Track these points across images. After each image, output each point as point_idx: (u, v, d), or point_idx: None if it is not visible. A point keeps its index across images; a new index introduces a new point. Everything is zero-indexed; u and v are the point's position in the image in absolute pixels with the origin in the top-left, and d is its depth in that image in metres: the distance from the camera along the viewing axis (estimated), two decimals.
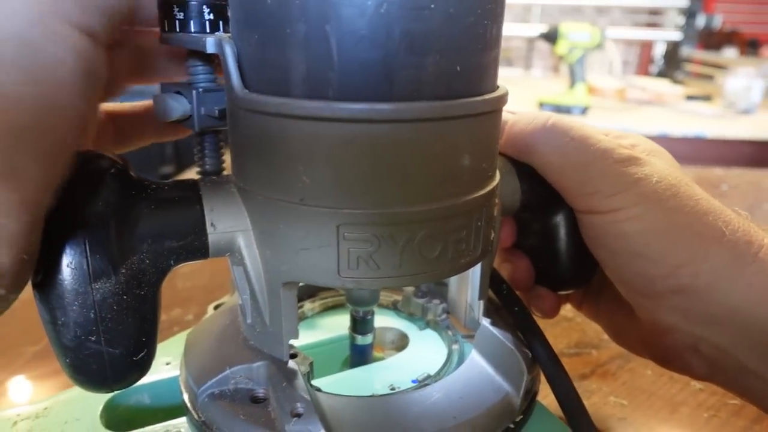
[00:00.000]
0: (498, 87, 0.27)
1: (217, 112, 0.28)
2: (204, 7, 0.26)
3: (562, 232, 0.34)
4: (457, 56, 0.24)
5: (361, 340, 0.35)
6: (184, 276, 0.27)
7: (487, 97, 0.25)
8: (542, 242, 0.35)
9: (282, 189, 0.25)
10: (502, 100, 0.27)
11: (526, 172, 0.32)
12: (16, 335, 0.49)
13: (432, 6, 0.22)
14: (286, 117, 0.24)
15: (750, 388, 0.31)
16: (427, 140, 0.24)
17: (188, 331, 0.34)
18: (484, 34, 0.24)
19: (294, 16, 0.22)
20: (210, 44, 0.25)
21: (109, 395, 0.31)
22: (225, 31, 0.27)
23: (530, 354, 0.31)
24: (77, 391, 0.32)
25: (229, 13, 0.26)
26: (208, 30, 0.27)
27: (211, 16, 0.26)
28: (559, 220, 0.34)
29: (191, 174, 0.27)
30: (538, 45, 2.62)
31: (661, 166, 0.31)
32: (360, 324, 0.35)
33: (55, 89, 0.18)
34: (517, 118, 0.32)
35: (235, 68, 0.25)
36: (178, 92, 0.28)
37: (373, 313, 0.35)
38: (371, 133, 0.23)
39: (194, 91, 0.28)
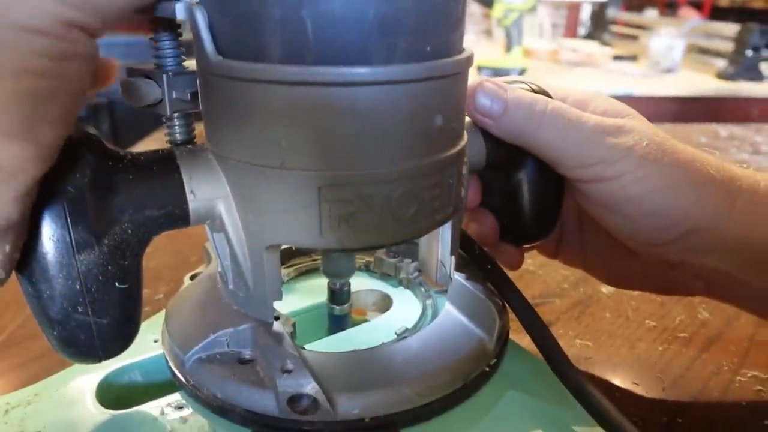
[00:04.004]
0: (464, 50, 0.28)
1: (189, 95, 0.28)
2: None
3: (525, 188, 0.36)
4: (428, 34, 0.25)
5: (339, 310, 0.36)
6: (148, 255, 0.27)
7: (455, 58, 0.26)
8: (506, 200, 0.37)
9: (261, 154, 0.25)
10: (469, 61, 0.28)
11: (491, 133, 0.34)
12: None
13: None
14: (264, 82, 0.24)
15: (740, 295, 0.37)
16: (402, 101, 0.25)
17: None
18: (452, 14, 0.26)
19: (270, 1, 0.23)
20: (180, 10, 0.25)
21: (101, 376, 0.31)
22: None
23: (501, 302, 0.33)
24: (65, 375, 0.32)
25: None
26: None
27: None
28: (521, 177, 0.36)
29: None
30: (471, 9, 2.63)
31: (642, 128, 0.33)
32: (338, 295, 0.36)
33: (66, 69, 0.21)
34: (508, 105, 0.32)
35: (207, 35, 0.25)
36: (148, 77, 0.28)
37: (349, 285, 0.36)
38: (348, 96, 0.24)
39: (164, 75, 0.27)
